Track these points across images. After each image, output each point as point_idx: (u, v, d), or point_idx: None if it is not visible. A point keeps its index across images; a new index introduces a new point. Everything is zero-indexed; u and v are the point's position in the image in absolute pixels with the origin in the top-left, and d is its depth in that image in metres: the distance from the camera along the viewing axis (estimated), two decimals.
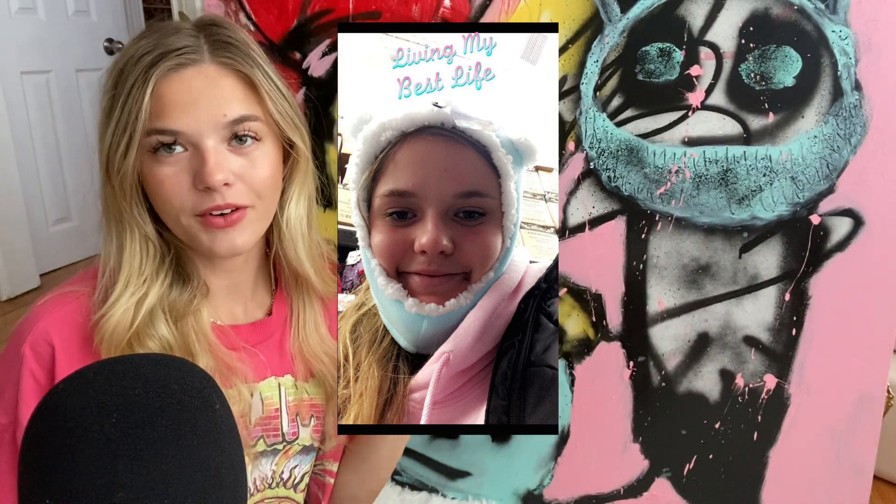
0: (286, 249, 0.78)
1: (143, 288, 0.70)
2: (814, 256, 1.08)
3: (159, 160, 0.67)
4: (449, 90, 0.63)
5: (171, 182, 0.67)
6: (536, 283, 0.65)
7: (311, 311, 0.83)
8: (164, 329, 0.70)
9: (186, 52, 0.67)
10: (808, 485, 1.17)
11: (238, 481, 0.44)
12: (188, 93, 0.66)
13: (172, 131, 0.66)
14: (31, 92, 2.72)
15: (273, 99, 0.71)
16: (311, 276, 0.79)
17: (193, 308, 0.73)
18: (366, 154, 0.63)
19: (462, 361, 0.63)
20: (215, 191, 0.67)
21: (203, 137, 0.66)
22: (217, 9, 1.26)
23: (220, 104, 0.67)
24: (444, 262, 0.61)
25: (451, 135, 0.62)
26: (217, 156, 0.67)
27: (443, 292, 0.62)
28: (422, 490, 1.40)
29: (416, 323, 0.63)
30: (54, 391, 0.42)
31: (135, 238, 0.70)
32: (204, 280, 0.75)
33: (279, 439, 0.81)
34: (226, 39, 0.70)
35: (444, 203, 0.61)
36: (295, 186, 0.77)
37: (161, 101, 0.66)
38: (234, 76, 0.69)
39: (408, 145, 0.62)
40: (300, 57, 1.24)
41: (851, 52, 1.00)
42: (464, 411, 0.65)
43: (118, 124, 0.67)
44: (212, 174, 0.66)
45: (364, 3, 1.18)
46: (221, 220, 0.68)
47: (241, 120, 0.68)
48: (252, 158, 0.70)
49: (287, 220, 0.77)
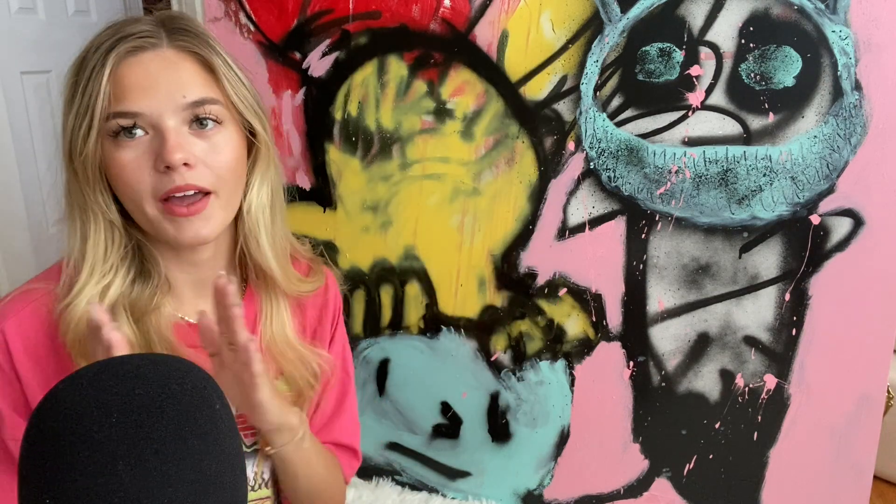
0: (248, 240, 0.77)
1: (108, 276, 0.70)
2: (814, 256, 1.08)
3: (120, 144, 0.67)
4: None
5: (133, 166, 0.67)
6: None
7: (277, 309, 0.82)
8: (126, 327, 0.69)
9: (144, 35, 0.68)
10: (808, 485, 1.17)
11: (238, 481, 0.44)
12: (146, 75, 0.67)
13: (132, 113, 0.66)
14: (31, 92, 2.72)
15: (231, 83, 0.71)
16: (274, 270, 0.78)
17: (154, 305, 0.72)
18: None
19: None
20: (175, 171, 0.66)
21: (163, 118, 0.66)
22: (217, 9, 1.26)
23: (180, 86, 0.67)
24: None
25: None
26: (177, 136, 0.67)
27: None
28: (422, 490, 1.40)
29: None
30: (54, 391, 0.42)
31: (99, 226, 0.70)
32: (166, 276, 0.75)
33: (256, 438, 0.80)
34: (184, 27, 0.71)
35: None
36: (257, 174, 0.76)
37: (120, 85, 0.66)
38: (193, 59, 0.69)
39: None
40: (300, 57, 1.24)
41: (851, 52, 1.00)
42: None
43: (79, 110, 0.67)
44: (171, 152, 0.65)
45: (364, 3, 1.18)
46: (184, 208, 0.68)
47: (201, 102, 0.68)
48: (214, 143, 0.69)
49: (249, 207, 0.76)
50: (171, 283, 0.75)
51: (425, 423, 1.36)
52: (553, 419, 1.28)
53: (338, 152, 1.27)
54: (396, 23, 1.18)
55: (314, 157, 1.28)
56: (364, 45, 1.21)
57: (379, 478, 1.42)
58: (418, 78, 1.19)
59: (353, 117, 1.24)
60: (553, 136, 1.15)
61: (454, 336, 1.30)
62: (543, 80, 1.14)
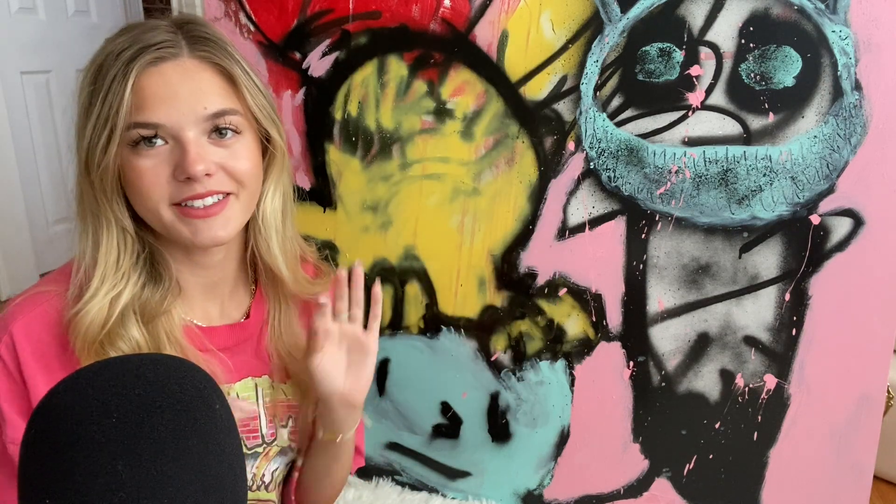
0: (259, 244, 0.78)
1: (120, 284, 0.69)
2: (814, 256, 1.08)
3: (139, 153, 0.67)
4: None
5: (151, 175, 0.67)
6: None
7: (286, 312, 0.82)
8: (136, 331, 0.69)
9: (165, 46, 0.68)
10: (808, 485, 1.17)
11: (238, 481, 0.44)
12: (167, 86, 0.67)
13: (153, 124, 0.66)
14: (31, 92, 2.72)
15: (251, 93, 0.71)
16: (284, 273, 0.79)
17: (164, 308, 0.72)
18: None
19: None
20: (196, 181, 0.66)
21: (184, 130, 0.67)
22: (217, 9, 1.26)
23: (200, 97, 0.67)
24: None
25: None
26: (198, 147, 0.67)
27: None
28: (422, 490, 1.40)
29: None
30: (54, 391, 0.42)
31: (112, 233, 0.70)
32: (177, 279, 0.75)
33: (259, 441, 0.80)
34: (203, 35, 0.70)
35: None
36: (272, 180, 0.77)
37: (141, 95, 0.66)
38: (213, 70, 0.69)
39: None
40: (300, 57, 1.24)
41: (851, 52, 1.00)
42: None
43: (98, 119, 0.67)
44: (193, 164, 0.65)
45: (364, 3, 1.18)
46: (201, 210, 0.68)
47: (221, 113, 0.68)
48: (233, 151, 0.70)
49: (263, 213, 0.76)
50: (181, 286, 0.75)
51: (425, 423, 1.36)
52: (553, 419, 1.28)
53: (338, 152, 1.27)
54: (396, 23, 1.18)
55: (314, 157, 1.28)
56: (364, 45, 1.21)
57: (379, 478, 1.42)
58: (418, 78, 1.19)
59: (353, 117, 1.24)
60: (553, 136, 1.15)
61: (454, 336, 1.30)
62: (543, 80, 1.14)
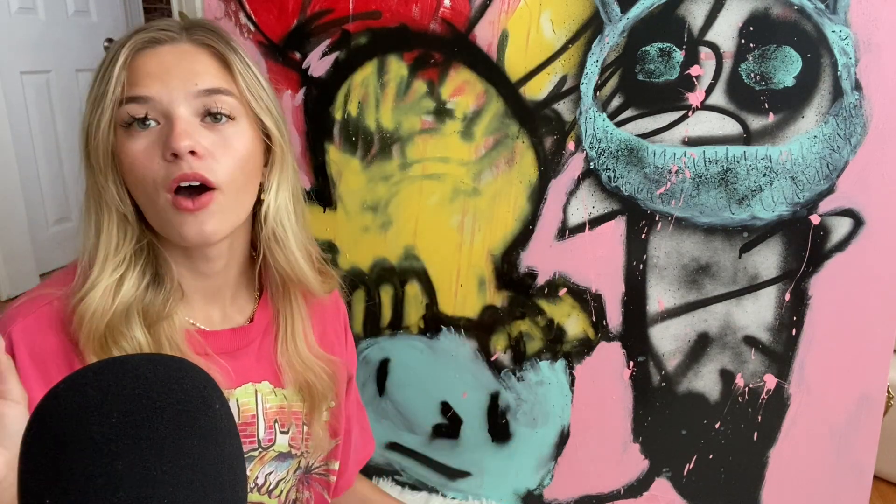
0: (272, 247, 0.76)
1: (121, 267, 0.69)
2: (814, 256, 1.08)
3: (132, 134, 0.67)
4: None
5: (143, 155, 0.67)
6: None
7: (298, 320, 0.81)
8: (139, 333, 0.69)
9: (163, 29, 0.69)
10: (808, 485, 1.17)
11: (238, 482, 0.44)
12: (161, 65, 0.67)
13: (143, 97, 0.66)
14: (31, 92, 2.72)
15: (246, 79, 0.71)
16: (307, 275, 0.78)
17: (167, 312, 0.72)
18: None
19: None
20: (182, 159, 0.66)
21: (174, 106, 0.66)
22: (217, 9, 1.26)
23: (193, 75, 0.68)
24: None
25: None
26: (186, 125, 0.66)
27: None
28: (422, 490, 1.40)
29: None
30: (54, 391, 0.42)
31: (112, 219, 0.70)
32: (179, 282, 0.74)
33: (255, 446, 0.79)
34: (205, 25, 0.72)
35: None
36: (273, 178, 0.75)
37: (135, 73, 0.67)
38: (208, 52, 0.70)
39: None
40: (300, 57, 1.24)
41: (851, 52, 1.00)
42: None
43: (95, 99, 0.68)
44: (178, 138, 0.65)
45: (364, 3, 1.18)
46: (190, 202, 0.67)
47: (214, 91, 0.68)
48: (225, 136, 0.69)
49: (266, 213, 0.75)
50: (183, 289, 0.75)
51: (425, 423, 1.36)
52: (553, 419, 1.28)
53: (338, 152, 1.27)
54: (396, 23, 1.18)
55: (314, 157, 1.28)
56: (364, 45, 1.21)
57: (379, 478, 1.42)
58: (418, 78, 1.19)
59: (353, 117, 1.24)
60: (553, 136, 1.15)
61: (454, 336, 1.30)
62: (543, 80, 1.14)
